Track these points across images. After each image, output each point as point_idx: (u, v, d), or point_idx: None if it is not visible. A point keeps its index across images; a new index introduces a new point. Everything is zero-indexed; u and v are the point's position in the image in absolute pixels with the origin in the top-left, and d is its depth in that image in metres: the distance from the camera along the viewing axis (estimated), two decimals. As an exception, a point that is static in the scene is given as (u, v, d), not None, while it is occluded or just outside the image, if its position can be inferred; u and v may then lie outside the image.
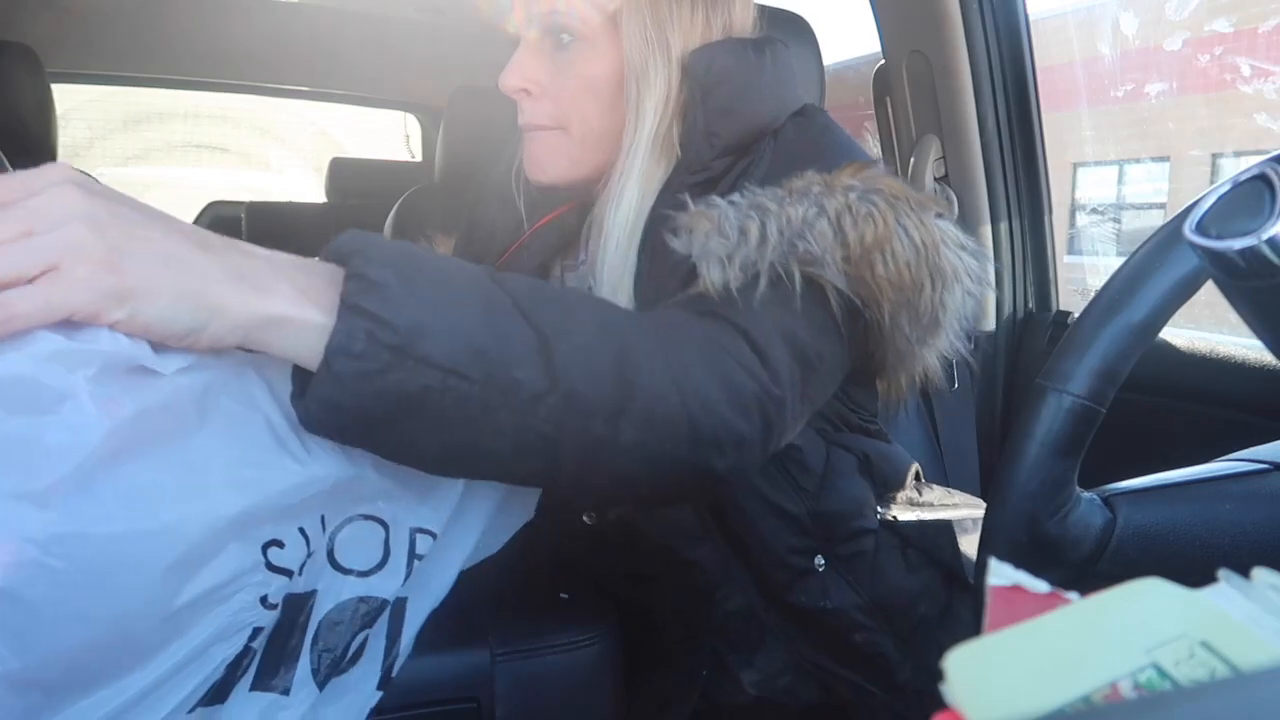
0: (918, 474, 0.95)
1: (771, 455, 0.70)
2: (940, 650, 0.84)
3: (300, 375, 0.56)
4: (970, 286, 0.78)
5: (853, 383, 0.86)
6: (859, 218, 0.72)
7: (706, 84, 0.79)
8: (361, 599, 0.65)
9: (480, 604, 0.93)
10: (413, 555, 0.66)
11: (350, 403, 0.53)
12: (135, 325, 0.49)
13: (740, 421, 0.64)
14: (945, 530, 0.90)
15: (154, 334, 0.50)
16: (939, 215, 0.76)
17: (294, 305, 0.52)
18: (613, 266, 0.82)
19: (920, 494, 0.93)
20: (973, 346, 1.53)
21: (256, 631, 0.58)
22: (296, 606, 0.62)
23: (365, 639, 0.66)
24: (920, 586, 0.87)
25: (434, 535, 0.67)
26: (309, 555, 0.60)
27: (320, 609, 0.64)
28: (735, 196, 0.74)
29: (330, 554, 0.64)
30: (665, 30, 0.80)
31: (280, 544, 0.58)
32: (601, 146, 0.83)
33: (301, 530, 0.60)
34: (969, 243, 0.78)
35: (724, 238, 0.71)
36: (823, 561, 0.83)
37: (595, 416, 0.58)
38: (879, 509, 0.87)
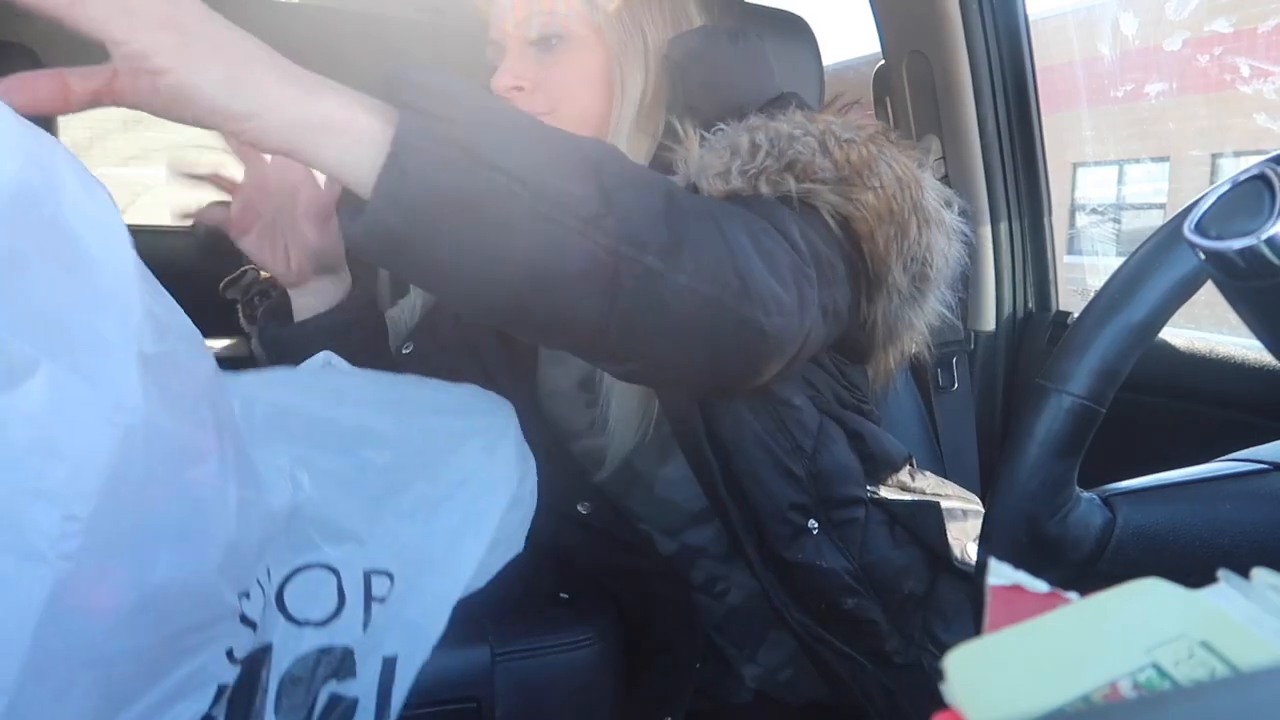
0: (911, 461, 0.97)
1: (802, 346, 0.70)
2: (925, 627, 0.85)
3: (349, 196, 0.55)
4: (956, 243, 0.84)
5: (846, 358, 0.90)
6: (842, 141, 0.78)
7: (684, 64, 0.87)
8: (323, 650, 0.62)
9: (480, 604, 0.93)
10: (370, 599, 0.64)
11: (410, 199, 0.51)
12: (183, 87, 0.50)
13: (779, 286, 0.65)
14: (933, 510, 0.92)
15: (199, 106, 0.50)
16: (920, 165, 0.82)
17: (348, 109, 0.52)
18: None
19: (912, 480, 0.94)
20: (972, 347, 1.54)
21: (221, 691, 0.55)
22: (256, 662, 0.60)
23: (349, 702, 0.63)
24: (906, 562, 0.89)
25: (390, 576, 0.65)
26: (265, 606, 0.59)
27: (279, 665, 0.61)
28: (721, 125, 0.80)
29: (281, 605, 0.62)
30: (641, 22, 0.89)
31: (248, 594, 0.56)
32: (590, 125, 0.89)
33: (258, 579, 0.58)
34: (951, 197, 0.85)
35: (717, 154, 0.78)
36: (816, 525, 0.85)
37: (649, 249, 0.57)
38: (869, 487, 0.90)
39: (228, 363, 0.71)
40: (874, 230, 0.78)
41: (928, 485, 0.96)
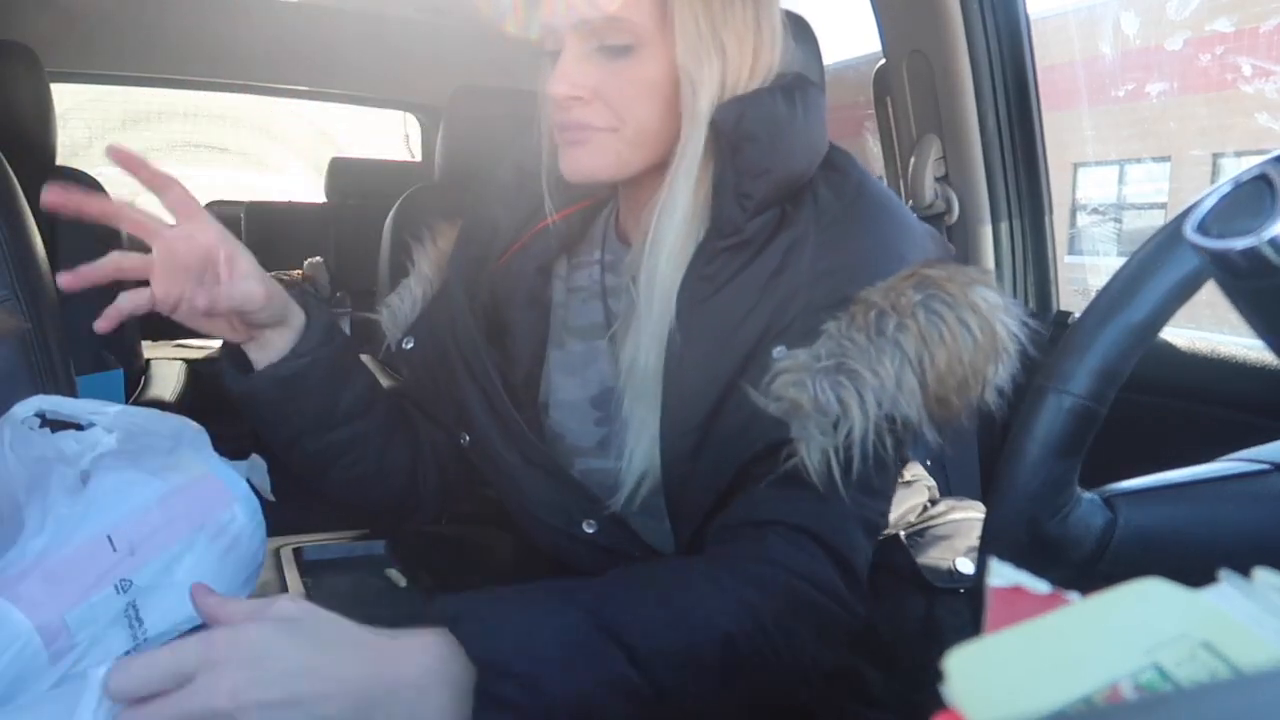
0: (931, 501, 0.96)
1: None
2: (925, 664, 0.83)
3: None
4: (1014, 350, 0.75)
5: None
6: (932, 344, 0.70)
7: (735, 140, 0.76)
8: None
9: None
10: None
11: None
12: None
13: (828, 652, 0.71)
14: (892, 544, 0.91)
15: None
16: (984, 285, 0.74)
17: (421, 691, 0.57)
18: (664, 275, 0.79)
19: (917, 516, 0.95)
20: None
21: None
22: None
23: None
24: (890, 608, 0.87)
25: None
26: None
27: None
28: (819, 349, 0.71)
29: None
30: (719, 29, 0.77)
31: None
32: (650, 146, 0.80)
33: None
34: (1013, 305, 0.75)
35: (824, 415, 0.69)
36: None
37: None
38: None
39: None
40: (950, 415, 0.74)
41: (937, 511, 0.96)
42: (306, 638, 0.56)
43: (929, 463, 1.07)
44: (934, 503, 0.97)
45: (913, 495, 0.95)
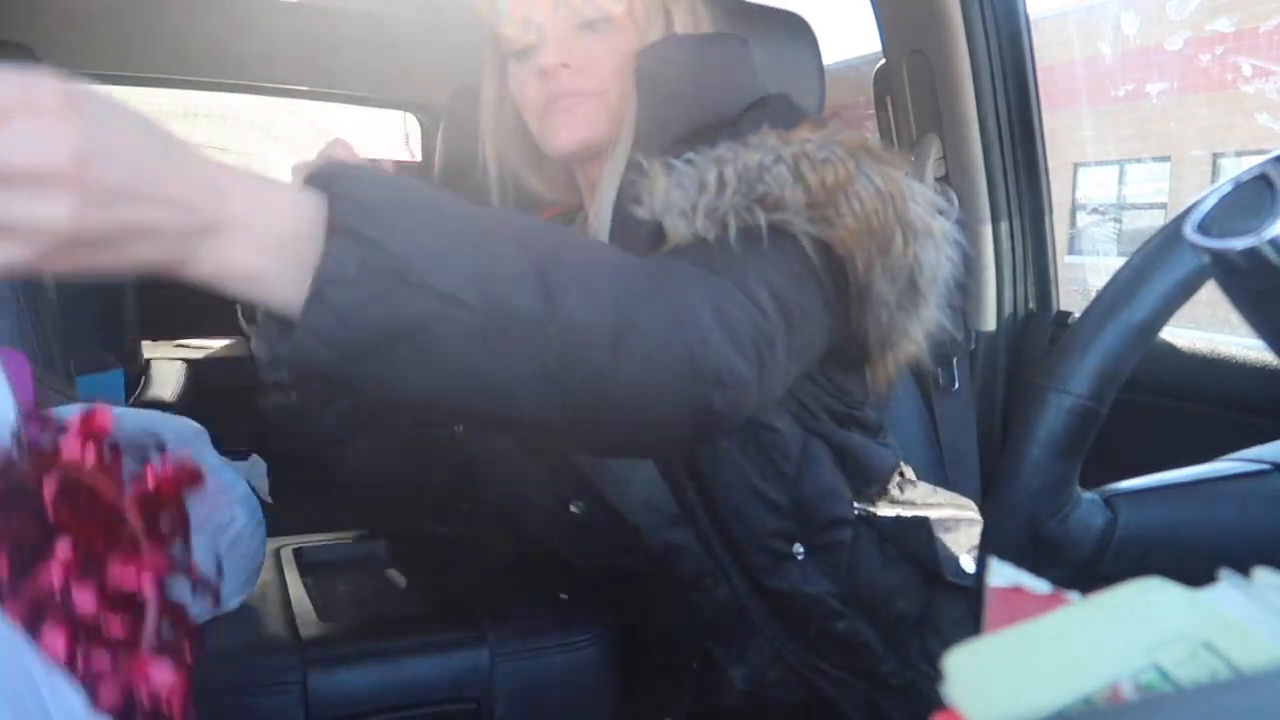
0: (902, 472, 0.95)
1: (761, 403, 0.70)
2: (923, 647, 0.85)
3: (277, 319, 0.52)
4: (948, 251, 0.81)
5: (839, 367, 0.88)
6: (817, 163, 0.75)
7: (653, 77, 0.85)
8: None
9: (480, 605, 0.93)
10: None
11: (343, 335, 0.49)
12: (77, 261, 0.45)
13: (737, 358, 0.64)
14: (922, 526, 0.90)
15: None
16: (906, 174, 0.79)
17: (260, 212, 0.49)
18: (608, 184, 0.87)
19: (902, 492, 0.93)
20: (973, 347, 1.54)
21: None
22: None
23: None
24: (899, 581, 0.88)
25: None
26: None
27: None
28: (690, 154, 0.77)
29: None
30: (666, 5, 0.88)
31: None
32: (617, 116, 0.88)
33: None
34: (943, 205, 0.81)
35: (683, 190, 0.74)
36: (801, 549, 0.84)
37: (595, 347, 0.57)
38: (856, 505, 0.88)
39: (227, 362, 0.71)
40: (854, 251, 0.75)
41: (918, 496, 0.94)
42: (161, 135, 0.48)
43: (928, 463, 1.07)
44: (910, 482, 0.97)
45: (884, 453, 0.94)
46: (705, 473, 0.82)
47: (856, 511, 0.87)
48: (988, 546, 0.56)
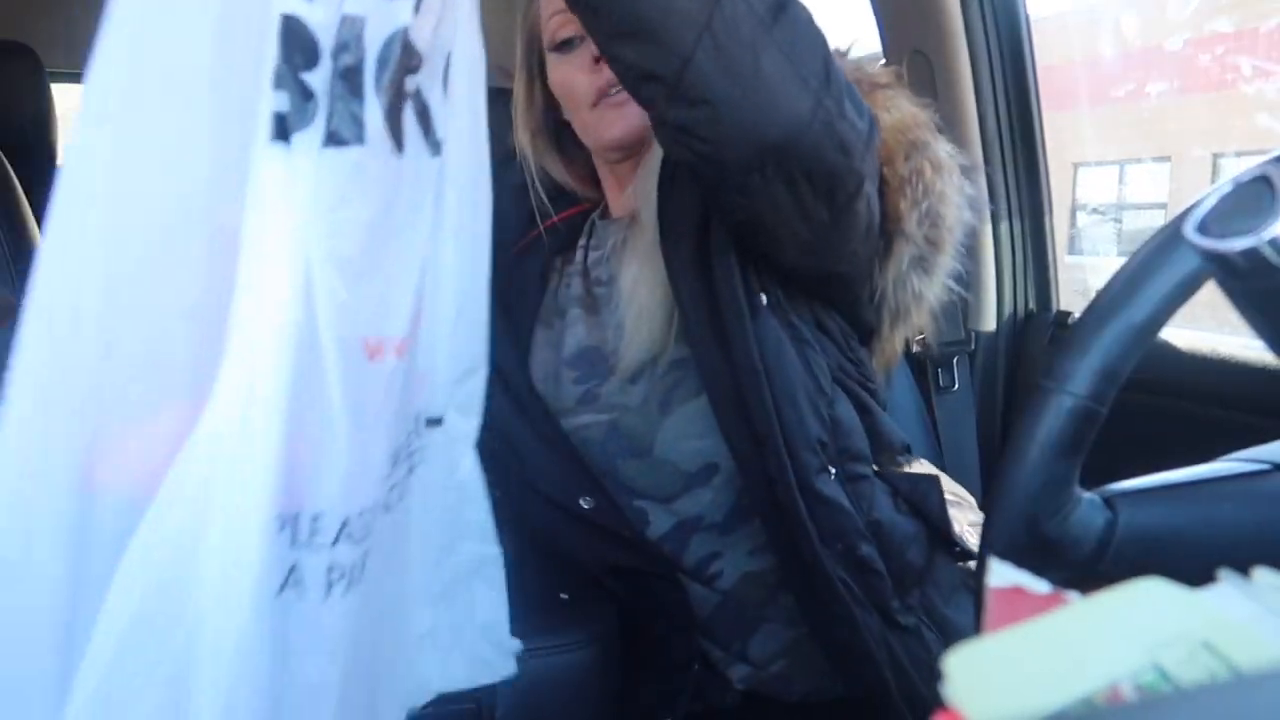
0: (909, 448, 0.99)
1: (864, 170, 0.77)
2: (923, 600, 0.86)
3: None
4: (959, 202, 0.89)
5: (857, 339, 0.93)
6: (859, 65, 0.86)
7: None
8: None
9: (480, 604, 0.93)
10: None
11: None
12: None
13: (855, 112, 0.73)
14: (934, 483, 0.94)
15: None
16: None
17: None
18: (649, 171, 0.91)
19: (909, 466, 0.97)
20: (973, 347, 1.54)
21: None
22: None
23: None
24: (910, 532, 0.91)
25: None
26: None
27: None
28: None
29: None
30: None
31: None
32: None
33: None
34: (956, 152, 0.91)
35: None
36: (833, 471, 0.87)
37: (755, 19, 0.66)
38: (873, 465, 0.92)
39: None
40: (894, 154, 0.83)
41: (922, 470, 0.98)
42: None
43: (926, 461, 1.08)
44: (916, 460, 1.01)
45: (893, 425, 0.98)
46: (769, 360, 0.85)
47: (873, 468, 0.91)
48: (987, 546, 0.56)
